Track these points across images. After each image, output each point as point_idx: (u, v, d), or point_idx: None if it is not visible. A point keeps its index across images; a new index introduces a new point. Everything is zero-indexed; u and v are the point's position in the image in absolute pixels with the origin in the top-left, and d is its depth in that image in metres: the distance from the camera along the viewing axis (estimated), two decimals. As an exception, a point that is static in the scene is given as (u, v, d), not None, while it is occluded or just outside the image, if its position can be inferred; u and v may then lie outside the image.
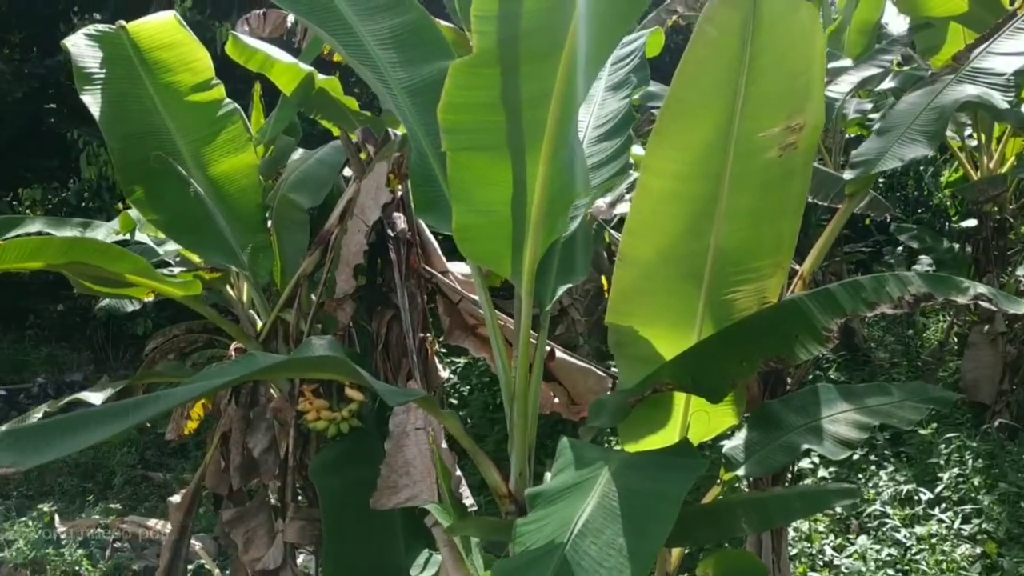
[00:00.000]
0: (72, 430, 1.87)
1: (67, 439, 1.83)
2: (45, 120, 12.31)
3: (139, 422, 1.88)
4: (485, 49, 2.03)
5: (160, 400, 1.90)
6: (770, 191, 2.35)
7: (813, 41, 2.18)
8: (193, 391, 1.93)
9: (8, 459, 1.79)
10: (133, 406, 1.92)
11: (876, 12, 7.23)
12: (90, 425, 1.87)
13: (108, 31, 3.40)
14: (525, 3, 1.98)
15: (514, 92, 2.10)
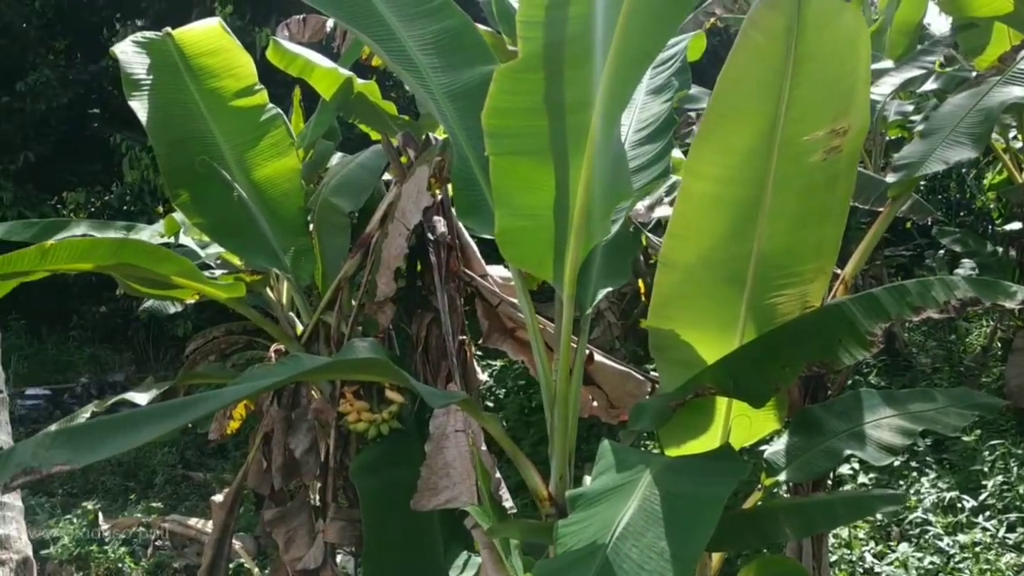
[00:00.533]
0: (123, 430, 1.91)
1: (119, 438, 1.87)
2: (89, 125, 12.55)
3: (188, 422, 1.92)
4: (531, 54, 2.05)
5: (208, 400, 1.93)
6: (814, 195, 2.34)
7: (858, 45, 2.17)
8: (240, 392, 1.96)
9: (63, 457, 1.83)
10: (181, 406, 1.96)
11: (918, 12, 7.14)
12: (140, 425, 1.91)
13: (155, 38, 3.47)
14: (570, 9, 1.99)
15: (558, 96, 2.11)
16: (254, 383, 1.98)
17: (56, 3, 11.90)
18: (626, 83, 2.07)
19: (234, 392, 1.93)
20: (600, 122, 2.05)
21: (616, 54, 1.96)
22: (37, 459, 1.85)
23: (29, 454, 1.88)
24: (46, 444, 1.89)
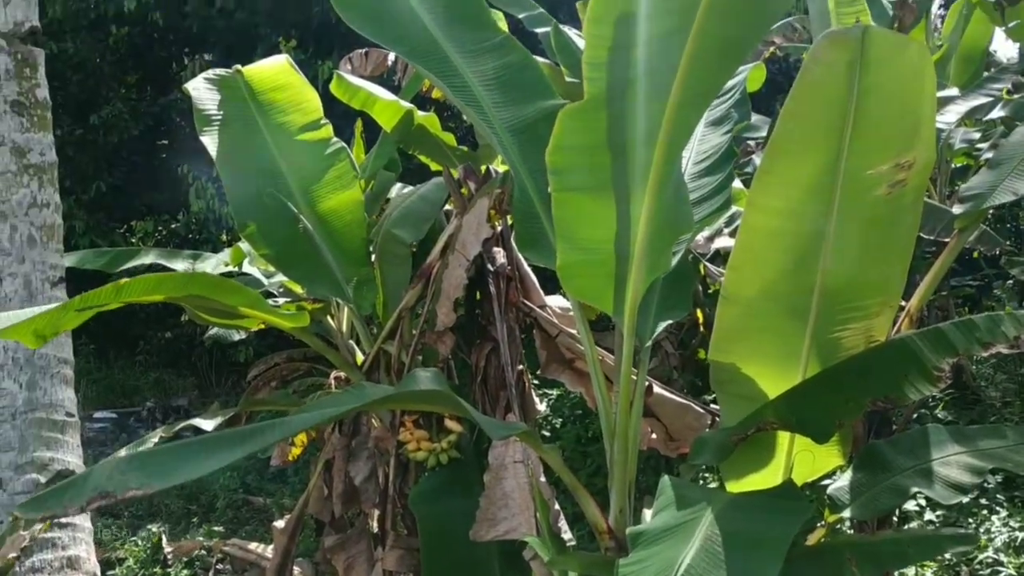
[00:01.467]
0: (194, 457, 1.97)
1: (190, 465, 1.92)
2: (157, 156, 12.94)
3: (257, 449, 1.96)
4: (595, 95, 2.08)
5: (276, 428, 1.98)
6: (878, 229, 2.31)
7: (923, 79, 2.15)
8: (307, 421, 2.01)
9: (137, 483, 1.90)
10: (250, 434, 2.01)
11: (984, 39, 7.01)
12: (211, 452, 1.96)
13: (225, 75, 3.59)
14: (635, 50, 2.02)
15: (621, 134, 2.14)
16: (321, 412, 2.02)
17: (129, 39, 12.32)
18: (688, 119, 2.09)
19: (303, 421, 1.98)
20: (662, 157, 2.07)
21: (679, 92, 1.98)
22: (112, 483, 1.92)
23: (104, 478, 1.95)
24: (121, 469, 1.95)
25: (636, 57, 2.04)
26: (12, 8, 4.26)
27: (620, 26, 2.03)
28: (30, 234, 4.53)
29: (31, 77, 4.42)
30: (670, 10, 1.94)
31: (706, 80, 2.02)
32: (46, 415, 4.51)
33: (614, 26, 2.04)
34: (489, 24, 2.83)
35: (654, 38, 2.00)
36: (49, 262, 4.44)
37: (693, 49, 1.92)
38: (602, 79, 2.08)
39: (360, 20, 2.72)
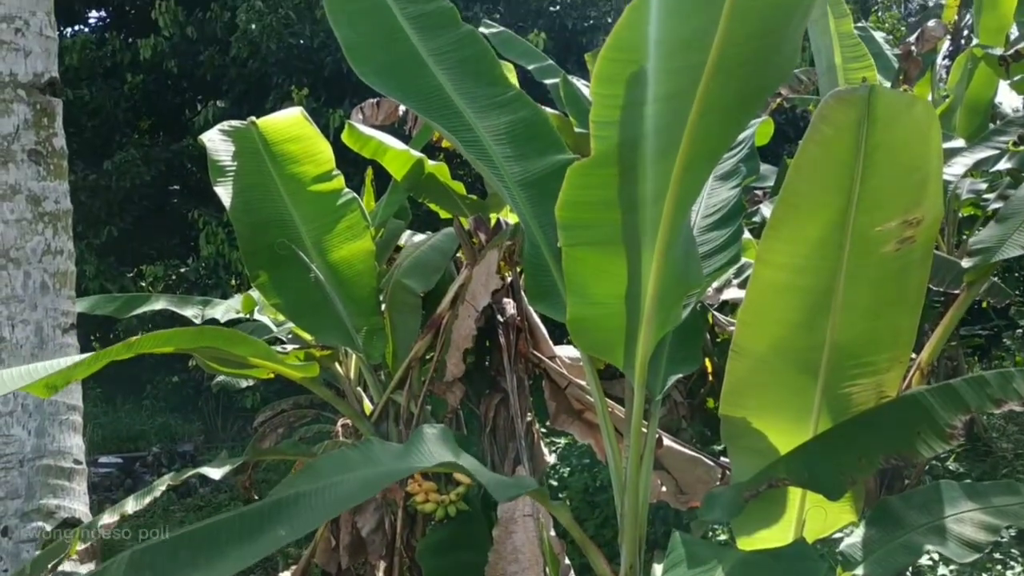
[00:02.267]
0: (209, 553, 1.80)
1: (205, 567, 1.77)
2: (169, 201, 13.06)
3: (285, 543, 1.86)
4: (603, 153, 2.11)
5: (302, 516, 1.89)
6: (887, 285, 2.32)
7: (929, 137, 2.18)
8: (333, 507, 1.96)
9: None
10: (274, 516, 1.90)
11: (989, 90, 7.07)
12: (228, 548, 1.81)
13: (240, 127, 3.65)
14: (642, 108, 2.05)
15: (630, 190, 2.16)
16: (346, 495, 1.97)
17: (143, 86, 12.52)
18: (696, 177, 2.11)
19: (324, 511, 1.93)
20: (670, 214, 2.09)
21: (686, 150, 2.00)
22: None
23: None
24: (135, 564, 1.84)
25: (644, 116, 2.07)
26: (33, 60, 4.34)
27: (627, 86, 2.06)
28: (43, 281, 4.56)
29: (49, 127, 4.49)
30: (677, 70, 1.97)
31: (713, 139, 2.05)
32: (54, 462, 4.51)
33: (621, 86, 2.07)
34: (501, 80, 2.88)
35: (661, 98, 2.03)
36: (61, 309, 4.47)
37: (699, 109, 1.95)
38: (609, 138, 2.11)
39: (374, 74, 2.77)
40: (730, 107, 2.02)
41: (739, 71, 1.93)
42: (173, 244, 12.79)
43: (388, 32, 2.82)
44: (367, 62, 2.77)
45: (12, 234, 4.45)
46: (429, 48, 2.83)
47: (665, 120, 2.03)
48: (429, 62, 2.81)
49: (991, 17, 6.77)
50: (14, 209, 4.44)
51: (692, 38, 1.90)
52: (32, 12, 4.29)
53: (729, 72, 1.91)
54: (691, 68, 1.91)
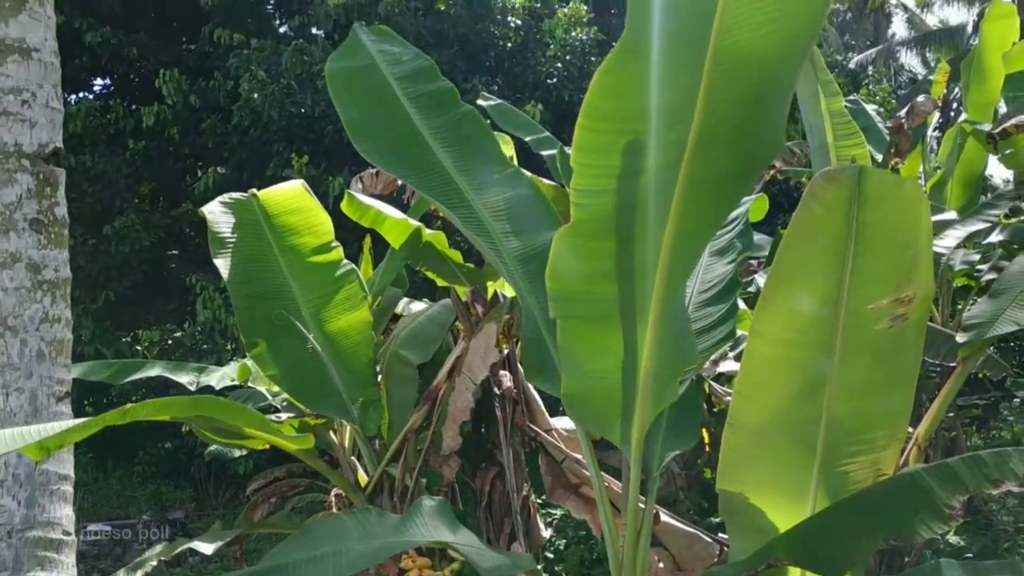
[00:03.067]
0: None
1: None
2: (167, 265, 13.11)
3: None
4: (584, 222, 2.13)
5: None
6: (882, 362, 2.33)
7: (919, 216, 2.21)
8: None
9: None
10: None
11: (979, 164, 7.18)
12: None
13: (241, 199, 3.69)
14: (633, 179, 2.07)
15: (623, 263, 2.17)
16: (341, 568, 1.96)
17: (145, 152, 12.67)
18: (688, 251, 2.13)
19: None
20: (664, 289, 2.11)
21: (676, 223, 2.03)
22: None
23: None
24: None
25: (631, 186, 2.10)
26: (38, 130, 4.41)
27: (608, 156, 2.09)
28: (39, 349, 4.55)
29: (51, 196, 4.54)
30: (659, 146, 2.01)
31: (702, 213, 2.07)
32: (43, 534, 4.43)
33: (600, 155, 2.10)
34: (499, 157, 2.93)
35: (646, 169, 2.06)
36: (56, 377, 4.45)
37: (686, 182, 1.98)
38: (591, 206, 2.13)
39: (375, 151, 2.82)
40: (719, 181, 2.05)
41: (724, 145, 1.96)
42: (170, 309, 12.79)
43: (389, 110, 2.89)
44: (368, 139, 2.83)
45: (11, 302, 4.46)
46: (430, 126, 2.89)
47: (652, 192, 2.06)
48: (429, 140, 2.86)
49: (979, 93, 6.92)
50: (13, 277, 4.45)
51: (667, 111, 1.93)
52: (39, 84, 4.36)
53: (715, 146, 1.94)
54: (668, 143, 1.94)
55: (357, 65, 3.02)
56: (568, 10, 11.95)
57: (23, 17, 4.22)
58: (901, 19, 29.85)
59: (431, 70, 3.06)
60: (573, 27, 11.90)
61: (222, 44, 12.36)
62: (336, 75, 3.03)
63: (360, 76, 2.99)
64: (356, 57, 3.05)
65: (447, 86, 3.03)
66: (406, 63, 3.04)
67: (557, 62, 12.03)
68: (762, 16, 1.89)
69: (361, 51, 3.06)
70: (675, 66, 1.96)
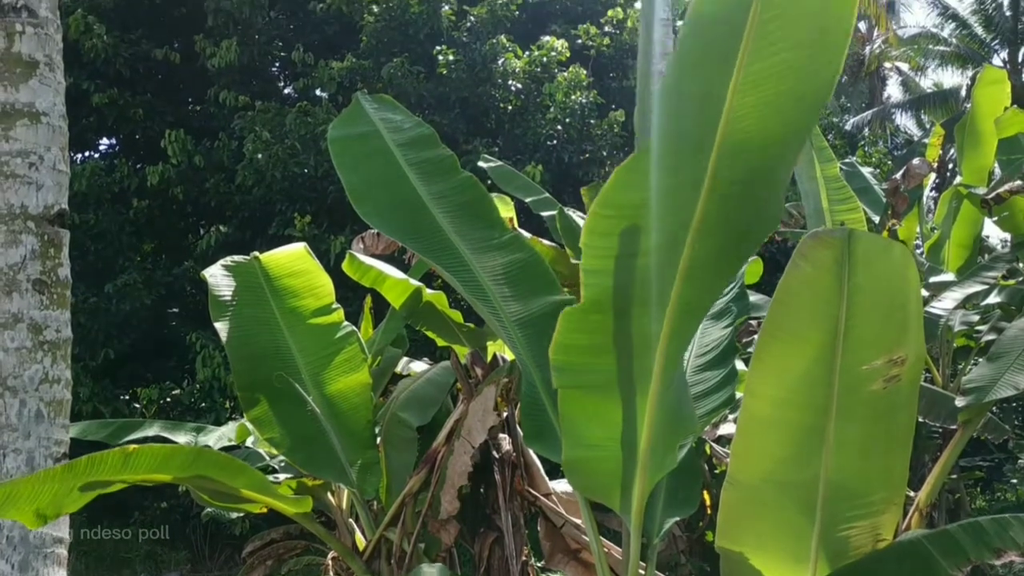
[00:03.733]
0: None
1: None
2: (167, 323, 13.12)
3: None
4: (593, 299, 2.18)
5: None
6: (877, 424, 2.34)
7: (907, 280, 2.24)
8: None
9: None
10: None
11: (976, 226, 7.24)
12: None
13: (243, 262, 3.72)
14: (635, 259, 2.12)
15: (623, 337, 2.21)
16: None
17: (148, 211, 12.79)
18: (687, 324, 2.16)
19: None
20: (663, 360, 2.13)
21: (678, 299, 2.07)
22: None
23: None
24: None
25: (634, 267, 2.15)
26: (44, 192, 4.46)
27: (618, 239, 2.15)
28: (38, 409, 4.54)
29: (55, 257, 4.57)
30: (663, 228, 2.06)
31: (703, 288, 2.11)
32: (36, 598, 4.37)
33: (611, 239, 2.15)
34: (498, 223, 2.98)
35: (651, 250, 2.10)
36: (54, 438, 4.43)
37: (688, 261, 2.02)
38: (599, 284, 2.18)
39: (376, 215, 2.86)
40: (718, 258, 2.09)
41: (725, 225, 2.01)
42: (169, 367, 12.77)
43: (390, 175, 2.94)
44: (368, 203, 2.88)
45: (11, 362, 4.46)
46: (430, 192, 2.94)
47: (655, 270, 2.10)
48: (429, 205, 2.91)
49: (973, 157, 7.01)
50: (15, 337, 4.46)
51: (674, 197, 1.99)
52: (47, 147, 4.42)
53: (715, 226, 1.99)
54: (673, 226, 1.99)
55: (359, 132, 3.09)
56: (568, 74, 12.16)
57: (33, 82, 4.30)
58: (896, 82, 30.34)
59: (432, 138, 3.12)
60: (573, 91, 12.10)
61: (227, 105, 12.56)
62: (338, 141, 3.10)
63: (361, 142, 3.06)
64: (358, 124, 3.13)
65: (447, 153, 3.09)
66: (407, 130, 3.11)
67: (557, 124, 12.21)
68: (767, 103, 1.96)
69: (363, 118, 3.14)
70: (680, 156, 2.03)
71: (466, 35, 12.29)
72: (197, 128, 12.93)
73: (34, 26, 4.28)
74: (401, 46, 12.15)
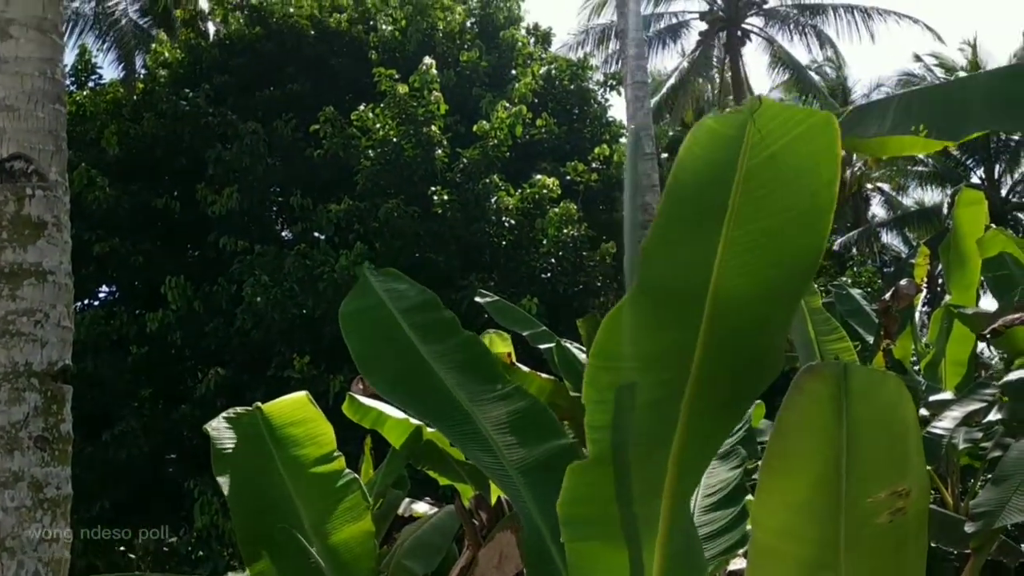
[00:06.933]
0: None
1: None
2: (164, 470, 12.94)
3: None
4: (599, 455, 2.21)
5: None
6: (886, 559, 2.31)
7: (904, 412, 2.26)
8: None
9: None
10: None
11: (969, 343, 7.27)
12: None
13: (244, 413, 3.74)
14: (635, 415, 2.16)
15: (628, 488, 2.22)
16: None
17: (146, 357, 12.82)
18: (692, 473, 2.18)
19: None
20: (670, 508, 2.14)
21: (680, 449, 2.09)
22: None
23: None
24: None
25: (631, 421, 2.19)
26: (49, 349, 4.51)
27: (615, 393, 2.19)
28: (36, 569, 4.47)
29: (57, 413, 4.59)
30: (658, 382, 2.11)
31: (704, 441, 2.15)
32: None
33: (610, 392, 2.20)
34: (499, 376, 3.05)
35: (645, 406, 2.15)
36: (51, 599, 4.33)
37: (686, 417, 2.07)
38: (604, 440, 2.22)
39: (383, 383, 2.98)
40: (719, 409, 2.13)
41: (723, 381, 2.06)
42: (166, 514, 12.52)
43: (395, 343, 3.07)
44: (376, 373, 2.98)
45: (10, 522, 4.41)
46: (432, 352, 3.04)
47: (650, 425, 2.14)
48: (432, 364, 2.99)
49: (959, 275, 7.14)
50: (15, 496, 4.43)
51: (669, 351, 2.05)
52: (52, 305, 4.49)
53: (713, 382, 2.04)
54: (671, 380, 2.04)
55: (366, 305, 3.24)
56: (559, 209, 12.49)
57: (41, 243, 4.41)
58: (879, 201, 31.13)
59: (433, 302, 3.26)
60: (565, 225, 12.40)
61: (227, 251, 12.80)
62: (348, 316, 3.25)
63: (368, 313, 3.20)
64: (366, 297, 3.28)
65: (448, 315, 3.21)
66: (411, 298, 3.25)
67: (551, 258, 12.46)
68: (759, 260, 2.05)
69: (370, 292, 3.29)
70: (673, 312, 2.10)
71: (459, 176, 12.67)
72: (197, 273, 13.14)
73: (43, 189, 4.43)
74: (396, 187, 12.51)
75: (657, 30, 26.61)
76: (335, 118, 13.21)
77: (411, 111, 12.66)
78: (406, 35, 15.36)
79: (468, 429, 2.80)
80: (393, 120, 12.70)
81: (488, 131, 12.91)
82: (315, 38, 15.50)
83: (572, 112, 15.40)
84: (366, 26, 15.85)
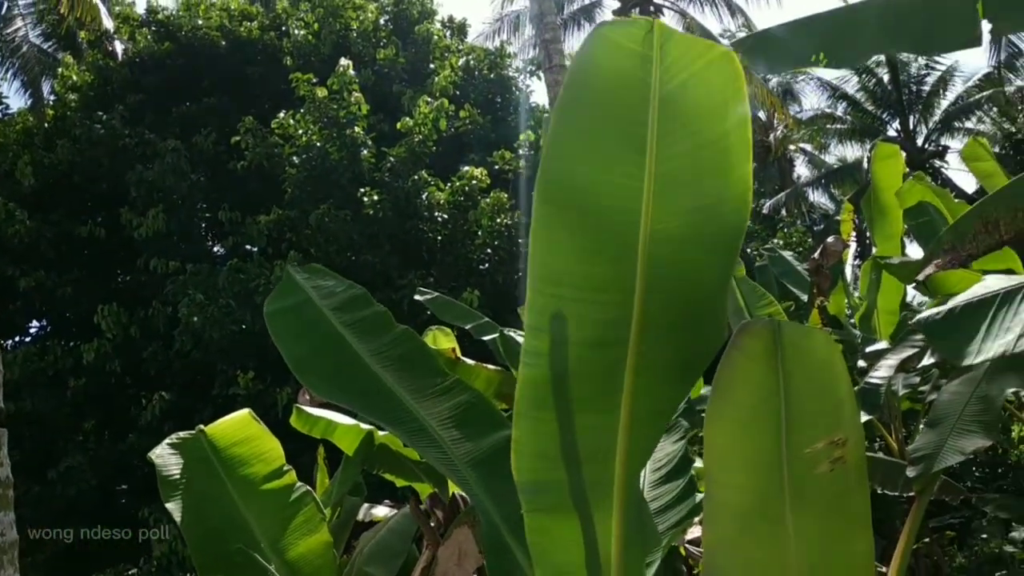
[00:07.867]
0: None
1: None
2: (116, 502, 12.65)
3: None
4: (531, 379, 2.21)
5: None
6: (832, 510, 2.37)
7: (833, 363, 2.32)
8: None
9: None
10: None
11: (899, 293, 7.49)
12: None
13: (188, 437, 3.68)
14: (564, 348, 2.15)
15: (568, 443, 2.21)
16: None
17: (86, 389, 12.49)
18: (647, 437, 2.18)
19: None
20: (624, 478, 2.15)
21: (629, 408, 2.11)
22: None
23: None
24: None
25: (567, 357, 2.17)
26: (-23, 396, 4.35)
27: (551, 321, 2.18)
28: (-13, 621, 4.33)
29: (-7, 459, 4.44)
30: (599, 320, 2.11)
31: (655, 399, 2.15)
32: None
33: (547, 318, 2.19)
34: (438, 370, 3.02)
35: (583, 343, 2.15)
36: (5, 650, 4.22)
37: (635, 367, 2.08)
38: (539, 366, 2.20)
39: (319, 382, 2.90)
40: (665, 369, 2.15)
41: (668, 334, 2.07)
42: (123, 547, 12.25)
43: (328, 341, 2.99)
44: (311, 372, 2.91)
45: (-46, 576, 4.28)
46: (368, 350, 2.99)
47: (590, 368, 2.14)
48: (369, 363, 2.95)
49: (883, 226, 7.34)
50: (-44, 549, 4.30)
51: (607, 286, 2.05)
52: (-21, 351, 4.34)
53: (657, 334, 2.04)
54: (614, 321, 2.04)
55: (293, 303, 3.15)
56: (490, 199, 12.49)
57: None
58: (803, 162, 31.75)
59: (364, 298, 3.19)
60: (497, 214, 12.41)
61: (158, 272, 12.53)
62: (275, 316, 3.16)
63: (296, 313, 3.11)
64: (291, 295, 3.19)
65: (380, 310, 3.15)
66: (339, 294, 3.18)
67: (487, 248, 12.45)
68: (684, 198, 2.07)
69: (296, 289, 3.20)
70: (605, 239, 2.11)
71: (387, 175, 12.59)
72: (129, 299, 12.84)
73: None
74: (325, 192, 12.37)
75: (571, 12, 26.73)
76: (256, 128, 13.01)
77: (332, 114, 12.52)
78: (320, 38, 15.17)
79: (414, 427, 2.79)
80: (315, 125, 12.55)
81: (412, 127, 12.84)
82: (227, 49, 15.23)
83: (495, 101, 15.41)
84: (278, 32, 15.62)
